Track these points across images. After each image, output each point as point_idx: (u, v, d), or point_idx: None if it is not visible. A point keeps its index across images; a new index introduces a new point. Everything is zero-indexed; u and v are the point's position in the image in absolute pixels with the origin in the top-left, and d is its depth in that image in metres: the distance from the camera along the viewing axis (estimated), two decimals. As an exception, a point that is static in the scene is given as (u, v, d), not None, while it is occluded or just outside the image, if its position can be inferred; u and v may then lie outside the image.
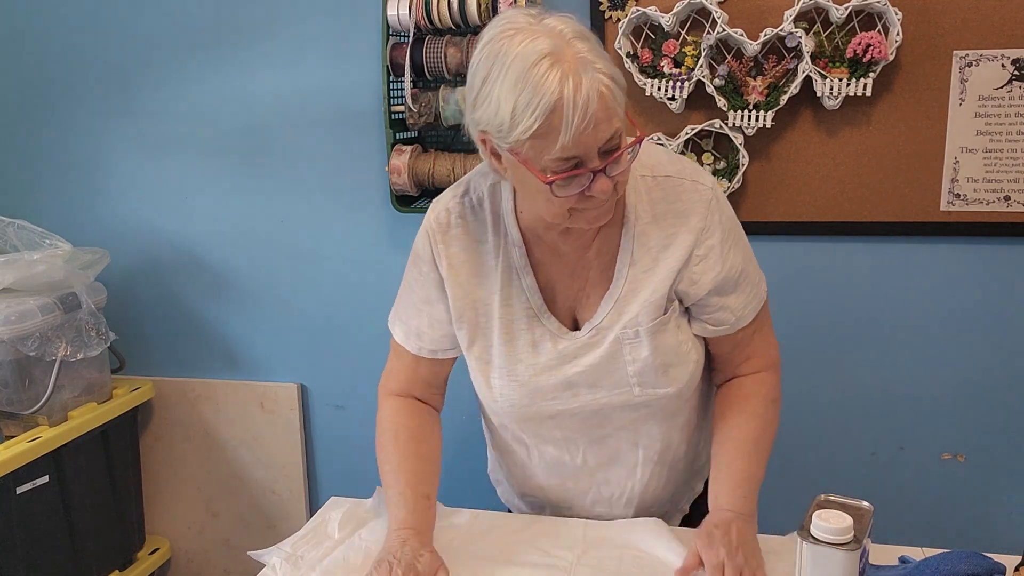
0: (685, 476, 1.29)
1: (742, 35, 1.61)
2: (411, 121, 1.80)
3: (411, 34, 1.74)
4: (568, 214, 1.00)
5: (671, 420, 1.19)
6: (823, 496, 0.96)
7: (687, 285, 1.10)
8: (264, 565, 1.17)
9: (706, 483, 1.21)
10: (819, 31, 1.63)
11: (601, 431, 1.18)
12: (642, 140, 0.98)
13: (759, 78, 1.66)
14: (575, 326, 1.14)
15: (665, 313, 1.10)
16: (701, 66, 1.65)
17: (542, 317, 1.13)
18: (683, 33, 1.69)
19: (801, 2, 1.58)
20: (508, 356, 1.14)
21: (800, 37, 1.60)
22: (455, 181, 1.80)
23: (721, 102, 1.66)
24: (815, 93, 1.65)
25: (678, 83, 1.68)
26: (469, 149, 1.89)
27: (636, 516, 1.23)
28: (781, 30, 1.60)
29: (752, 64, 1.66)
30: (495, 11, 1.69)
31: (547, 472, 1.24)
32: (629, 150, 0.97)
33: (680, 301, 1.13)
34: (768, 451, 1.16)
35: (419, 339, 1.22)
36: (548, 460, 1.23)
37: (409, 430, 1.23)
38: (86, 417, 1.91)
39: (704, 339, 1.18)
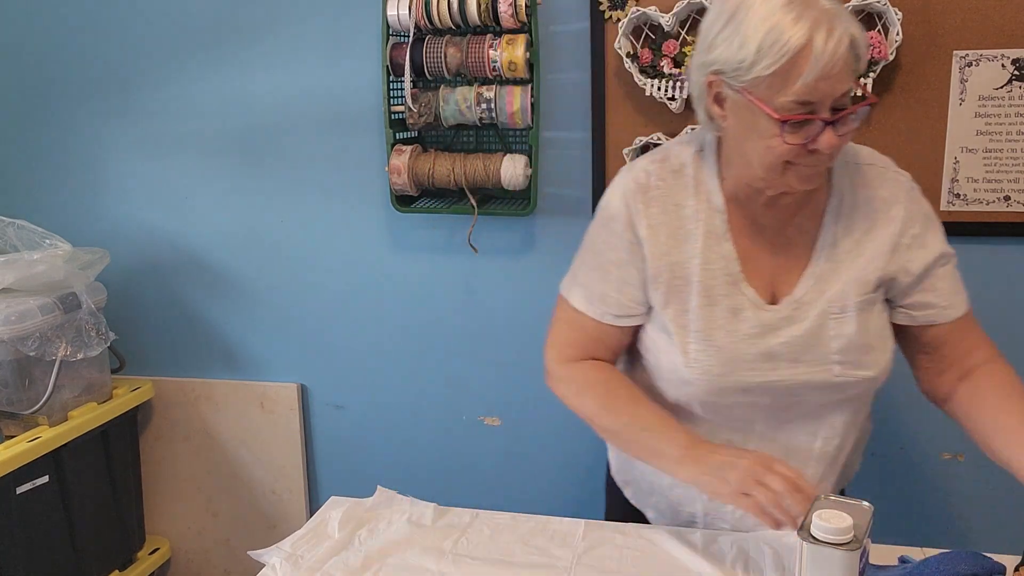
0: (838, 481, 1.25)
1: (742, 35, 1.61)
2: (411, 121, 1.80)
3: (411, 34, 1.74)
4: (783, 168, 1.03)
5: (855, 415, 1.18)
6: (823, 496, 0.96)
7: (896, 272, 1.12)
8: (264, 565, 1.17)
9: None
10: (819, 31, 1.63)
11: (786, 414, 1.15)
12: (874, 103, 1.02)
13: (759, 78, 1.66)
14: (771, 300, 1.13)
15: (874, 292, 1.11)
16: (701, 66, 1.65)
17: (741, 285, 1.12)
18: (683, 33, 1.69)
19: (801, 2, 1.58)
20: (707, 320, 1.12)
21: (800, 37, 1.60)
22: (455, 181, 1.82)
23: (721, 102, 1.66)
24: (815, 93, 1.65)
25: (678, 83, 1.68)
26: (469, 149, 1.90)
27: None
28: (781, 30, 1.60)
29: (752, 64, 1.66)
30: (495, 11, 1.69)
31: None
32: (857, 112, 1.00)
33: (885, 290, 1.14)
34: None
35: (603, 303, 1.18)
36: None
37: (616, 380, 1.21)
38: (86, 417, 1.91)
39: (917, 336, 1.17)
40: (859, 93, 1.02)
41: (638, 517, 1.34)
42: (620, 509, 1.38)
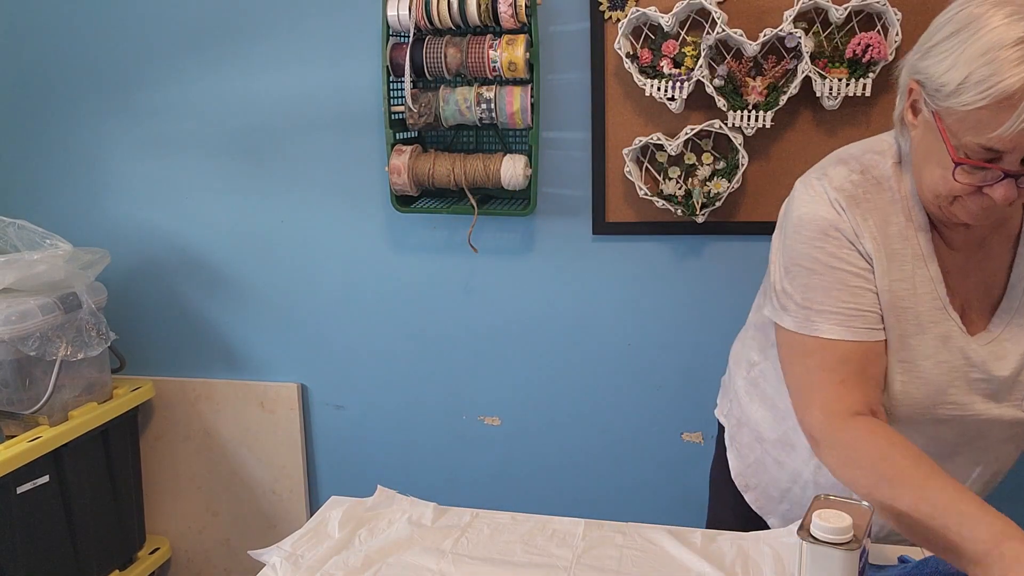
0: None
1: (742, 35, 1.61)
2: (411, 121, 1.80)
3: (411, 34, 1.74)
4: (951, 200, 0.95)
5: (1021, 444, 1.12)
6: (823, 496, 0.96)
7: None
8: (264, 565, 1.17)
9: None
10: (818, 31, 1.63)
11: (954, 446, 1.08)
12: None
13: (759, 78, 1.66)
14: (966, 327, 1.05)
15: None
16: (701, 66, 1.65)
17: (948, 310, 1.04)
18: (683, 33, 1.69)
19: (800, 2, 1.59)
20: (916, 350, 1.04)
21: (799, 37, 1.60)
22: (455, 181, 1.82)
23: (721, 102, 1.66)
24: (814, 93, 1.65)
25: (678, 83, 1.68)
26: (469, 149, 1.90)
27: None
28: (780, 30, 1.60)
29: (752, 64, 1.66)
30: (495, 11, 1.69)
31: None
32: None
33: None
34: None
35: (863, 319, 1.03)
36: None
37: (900, 443, 0.98)
38: (86, 417, 1.91)
39: None
40: None
41: (757, 522, 1.31)
42: (733, 512, 1.34)
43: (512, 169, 1.77)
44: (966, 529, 0.88)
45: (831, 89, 1.62)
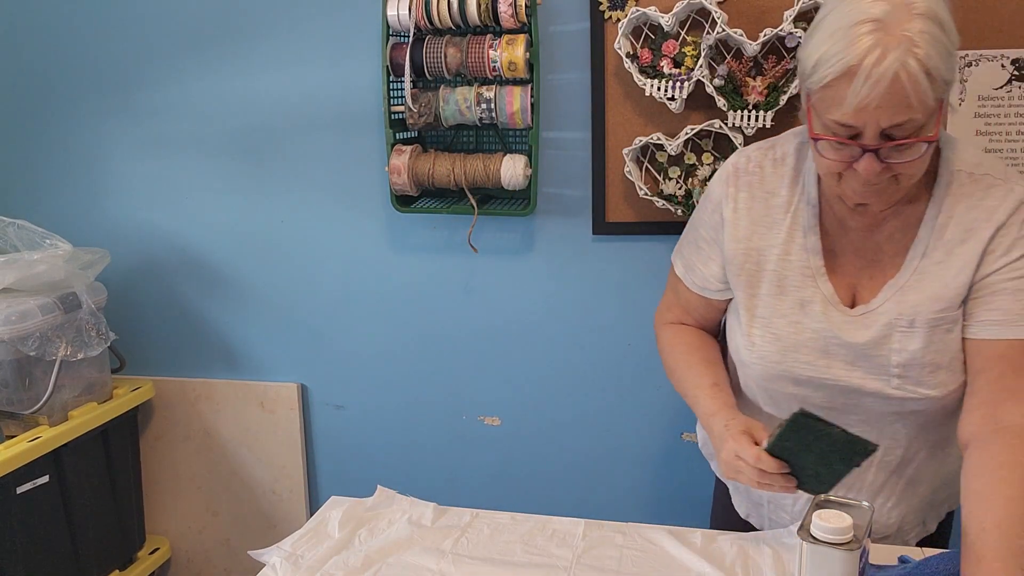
0: (920, 505, 1.21)
1: (742, 35, 1.61)
2: (411, 121, 1.80)
3: (411, 34, 1.74)
4: (837, 178, 1.01)
5: (924, 431, 1.13)
6: (823, 496, 0.96)
7: (971, 283, 1.04)
8: (264, 565, 1.18)
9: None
10: (819, 31, 1.63)
11: (842, 419, 1.10)
12: (929, 142, 0.95)
13: (759, 78, 1.66)
14: (850, 303, 1.11)
15: (956, 310, 1.05)
16: (701, 66, 1.65)
17: (818, 279, 1.11)
18: (683, 33, 1.69)
19: (801, 2, 1.59)
20: (772, 308, 1.13)
21: (800, 37, 1.60)
22: (455, 181, 1.82)
23: (721, 102, 1.66)
24: (815, 93, 1.65)
25: (678, 83, 1.68)
26: (469, 149, 1.90)
27: None
28: (781, 30, 1.60)
29: (752, 64, 1.66)
30: (495, 11, 1.69)
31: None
32: (914, 145, 0.94)
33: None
34: None
35: (693, 274, 1.24)
36: None
37: (686, 343, 1.27)
38: (86, 417, 1.91)
39: (966, 355, 1.07)
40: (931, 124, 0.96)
41: (725, 489, 1.38)
42: (720, 484, 1.42)
43: (512, 169, 1.77)
44: (697, 409, 1.19)
45: (831, 89, 1.62)
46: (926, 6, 0.91)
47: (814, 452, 0.98)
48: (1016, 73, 1.62)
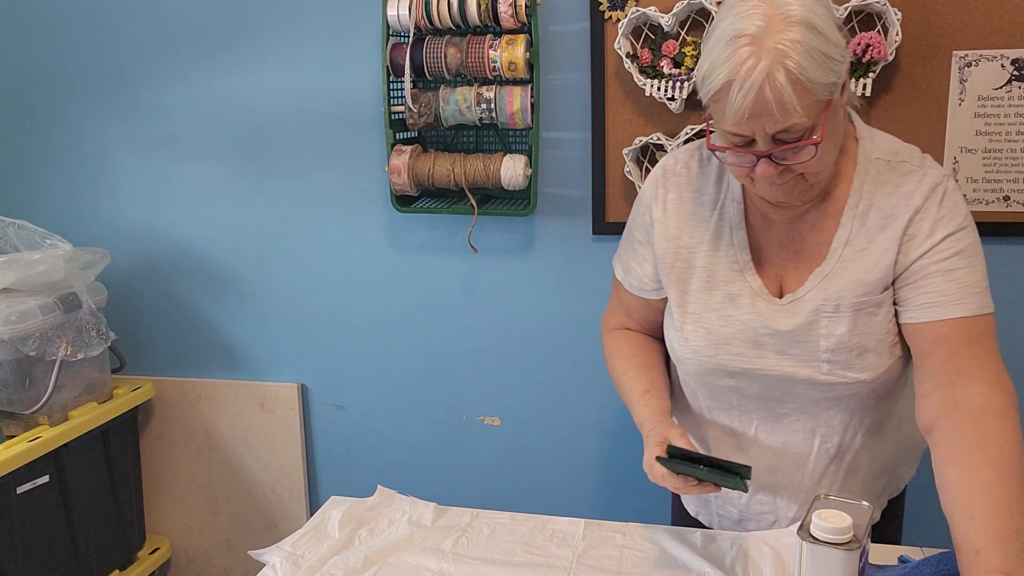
0: (862, 492, 1.21)
1: (742, 35, 1.61)
2: (411, 121, 1.80)
3: (411, 34, 1.74)
4: (749, 181, 1.05)
5: (857, 416, 1.15)
6: (823, 496, 0.96)
7: (898, 262, 1.08)
8: (264, 565, 1.18)
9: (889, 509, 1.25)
10: (819, 31, 1.63)
11: (779, 408, 1.16)
12: (817, 144, 0.98)
13: (759, 78, 1.66)
14: (778, 294, 1.14)
15: (880, 294, 1.08)
16: (701, 66, 1.65)
17: (746, 273, 1.14)
18: (683, 33, 1.69)
19: (801, 2, 1.58)
20: (703, 304, 1.16)
21: (800, 37, 1.60)
22: (455, 181, 1.82)
23: (721, 102, 1.66)
24: (815, 93, 1.65)
25: (678, 83, 1.68)
26: (469, 149, 1.90)
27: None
28: (781, 30, 1.60)
29: (752, 64, 1.66)
30: (495, 11, 1.69)
31: (716, 446, 1.23)
32: (801, 148, 0.98)
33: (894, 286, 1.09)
34: None
35: (629, 275, 1.27)
36: (720, 431, 1.22)
37: (624, 349, 1.30)
38: (86, 417, 1.91)
39: (909, 342, 1.09)
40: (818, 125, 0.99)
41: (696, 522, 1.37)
42: (679, 512, 1.42)
43: (512, 169, 1.77)
44: (634, 415, 1.20)
45: (831, 89, 1.62)
46: (801, 14, 0.94)
47: (703, 471, 1.04)
48: (1016, 73, 1.62)
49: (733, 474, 1.03)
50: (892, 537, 1.30)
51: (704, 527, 1.33)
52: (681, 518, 1.40)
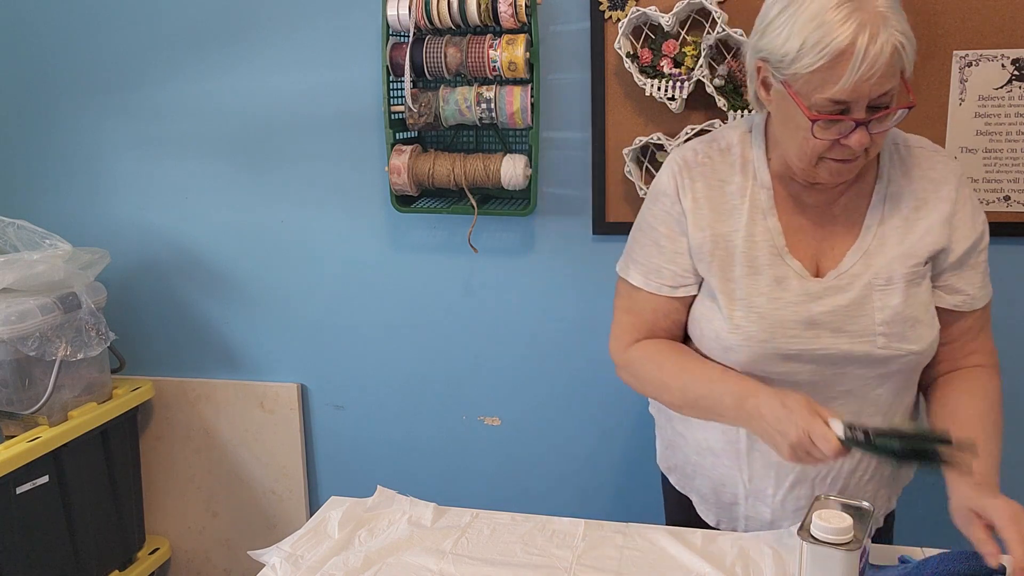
0: (890, 477, 1.25)
1: (742, 35, 1.61)
2: (411, 121, 1.80)
3: (411, 34, 1.74)
4: (816, 161, 1.07)
5: (900, 393, 1.18)
6: (823, 496, 0.96)
7: (945, 246, 1.14)
8: (264, 565, 1.18)
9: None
10: (819, 31, 1.63)
11: (828, 392, 1.15)
12: (912, 107, 1.03)
13: (759, 78, 1.66)
14: (816, 274, 1.15)
15: (923, 266, 1.13)
16: (701, 66, 1.65)
17: (784, 257, 1.15)
18: (683, 33, 1.69)
19: (801, 2, 1.58)
20: (751, 288, 1.14)
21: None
22: (455, 181, 1.82)
23: (721, 102, 1.66)
24: (815, 93, 1.65)
25: (678, 83, 1.68)
26: (469, 149, 1.90)
27: None
28: (781, 30, 1.60)
29: (752, 64, 1.66)
30: (495, 11, 1.69)
31: (752, 438, 1.18)
32: (893, 114, 1.02)
33: (931, 265, 1.16)
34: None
35: (659, 276, 1.22)
36: None
37: (665, 351, 1.23)
38: (86, 417, 1.91)
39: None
40: (902, 94, 1.05)
41: (687, 504, 1.36)
42: (670, 496, 1.42)
43: (512, 169, 1.77)
44: (719, 404, 1.12)
45: (831, 89, 1.62)
46: None
47: (898, 447, 0.96)
48: (1016, 73, 1.62)
49: (928, 445, 0.95)
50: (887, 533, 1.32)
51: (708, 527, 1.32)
52: (677, 509, 1.39)
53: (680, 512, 1.38)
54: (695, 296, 1.22)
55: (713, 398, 1.14)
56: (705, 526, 1.32)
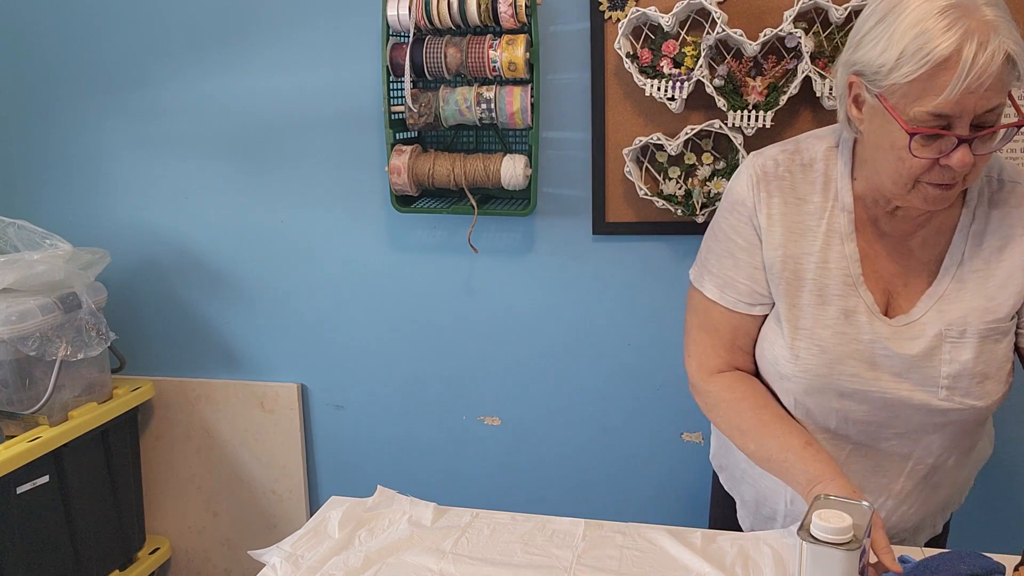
0: (937, 507, 1.21)
1: (742, 35, 1.61)
2: (411, 121, 1.80)
3: (411, 34, 1.74)
4: (912, 184, 0.98)
5: (956, 440, 1.12)
6: (823, 496, 0.96)
7: None
8: (264, 565, 1.18)
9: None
10: (818, 31, 1.63)
11: (880, 432, 1.11)
12: (1022, 125, 0.95)
13: (759, 78, 1.66)
14: (884, 308, 1.09)
15: (1008, 322, 1.06)
16: (701, 66, 1.65)
17: (859, 288, 1.08)
18: (683, 33, 1.69)
19: (800, 2, 1.59)
20: (816, 319, 1.09)
21: (799, 37, 1.60)
22: (455, 181, 1.82)
23: (721, 102, 1.66)
24: (814, 93, 1.65)
25: (678, 83, 1.68)
26: (469, 149, 1.90)
27: None
28: (780, 30, 1.60)
29: (752, 64, 1.66)
30: (495, 11, 1.69)
31: None
32: (998, 133, 0.94)
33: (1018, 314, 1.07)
34: None
35: (735, 291, 1.16)
36: None
37: (749, 398, 1.15)
38: (86, 417, 1.91)
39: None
40: (1013, 110, 0.97)
41: (731, 505, 1.35)
42: (717, 494, 1.39)
43: (512, 169, 1.77)
44: (790, 475, 1.08)
45: (831, 89, 1.62)
46: None
47: None
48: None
49: None
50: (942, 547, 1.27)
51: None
52: (722, 505, 1.37)
53: (723, 511, 1.37)
54: (764, 316, 1.17)
55: (785, 469, 1.09)
56: (740, 531, 1.32)
